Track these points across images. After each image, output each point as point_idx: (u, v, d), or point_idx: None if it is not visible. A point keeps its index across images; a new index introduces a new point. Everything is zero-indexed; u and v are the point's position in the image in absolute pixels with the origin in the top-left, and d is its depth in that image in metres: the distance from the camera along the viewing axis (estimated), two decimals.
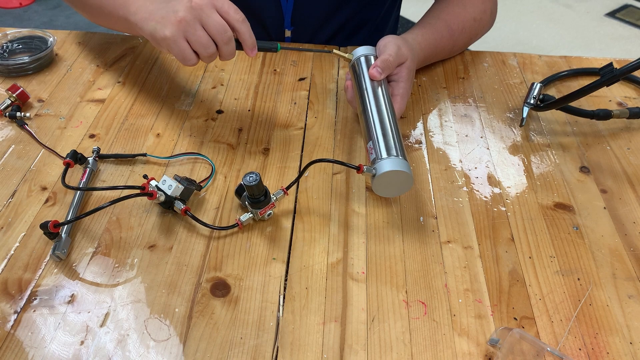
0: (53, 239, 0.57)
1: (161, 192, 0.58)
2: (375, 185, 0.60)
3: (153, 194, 0.57)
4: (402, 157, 0.60)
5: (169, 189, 0.59)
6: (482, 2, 0.84)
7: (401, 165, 0.58)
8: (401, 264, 0.57)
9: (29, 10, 2.85)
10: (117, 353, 0.49)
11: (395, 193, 0.61)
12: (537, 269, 0.57)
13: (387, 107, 0.65)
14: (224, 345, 0.50)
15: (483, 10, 0.83)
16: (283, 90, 0.81)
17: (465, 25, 0.82)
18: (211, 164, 0.68)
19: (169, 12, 0.61)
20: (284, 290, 0.55)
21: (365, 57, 0.70)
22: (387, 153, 0.60)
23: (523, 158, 0.71)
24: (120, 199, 0.57)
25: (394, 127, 0.63)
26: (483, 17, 0.83)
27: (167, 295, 0.54)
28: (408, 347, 0.50)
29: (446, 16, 0.81)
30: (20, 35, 0.86)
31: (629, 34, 2.66)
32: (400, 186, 0.60)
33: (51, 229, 0.55)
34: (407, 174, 0.58)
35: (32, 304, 0.53)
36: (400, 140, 0.62)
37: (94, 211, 0.56)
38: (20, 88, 0.75)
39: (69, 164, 0.64)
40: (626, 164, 0.70)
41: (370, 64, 0.69)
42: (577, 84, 0.84)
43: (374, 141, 0.61)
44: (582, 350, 0.50)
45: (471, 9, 0.82)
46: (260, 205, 0.58)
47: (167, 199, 0.59)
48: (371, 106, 0.65)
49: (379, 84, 0.67)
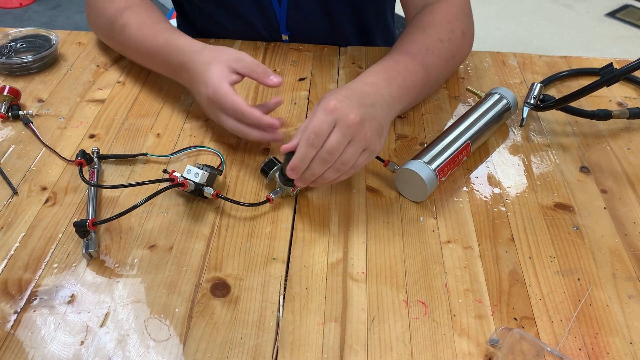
0: (84, 238, 0.57)
1: (190, 181, 0.60)
2: (397, 179, 0.65)
3: (184, 183, 0.59)
4: (432, 167, 0.62)
5: (196, 177, 0.60)
6: (448, 22, 0.76)
7: (421, 170, 0.61)
8: (401, 264, 0.57)
9: (29, 10, 2.85)
10: (117, 353, 0.49)
11: (411, 195, 0.64)
12: (537, 269, 0.57)
13: (465, 135, 0.67)
14: (224, 345, 0.50)
15: (450, 30, 0.75)
16: (283, 90, 0.81)
17: (430, 46, 0.72)
18: (215, 151, 0.69)
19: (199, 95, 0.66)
20: (284, 290, 0.55)
21: (498, 96, 0.73)
22: (419, 158, 0.63)
23: (523, 158, 0.71)
24: (154, 195, 0.58)
25: (449, 148, 0.65)
26: (452, 37, 0.75)
27: (167, 295, 0.54)
28: (408, 347, 0.50)
29: (400, 47, 0.72)
30: (24, 34, 0.86)
31: (629, 34, 2.66)
32: (416, 191, 0.63)
33: (90, 227, 0.55)
34: (422, 180, 0.61)
35: (32, 304, 0.53)
36: (446, 158, 0.64)
37: (132, 209, 0.57)
38: (7, 86, 0.75)
39: (81, 163, 0.64)
40: (626, 164, 0.70)
41: (500, 105, 0.72)
42: (577, 84, 0.84)
43: (427, 147, 0.66)
44: (582, 350, 0.50)
45: (433, 32, 0.74)
46: (293, 182, 0.60)
47: (197, 187, 0.60)
48: (459, 127, 0.68)
49: (484, 119, 0.70)
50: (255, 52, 0.89)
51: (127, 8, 0.77)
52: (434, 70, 0.73)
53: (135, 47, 0.76)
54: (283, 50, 0.90)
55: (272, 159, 0.64)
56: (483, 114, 0.70)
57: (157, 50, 0.72)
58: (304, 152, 0.56)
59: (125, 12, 0.76)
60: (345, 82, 0.82)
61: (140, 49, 0.75)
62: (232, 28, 0.91)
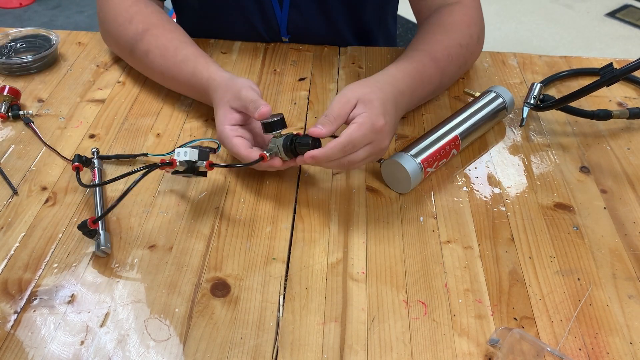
0: (93, 237, 0.57)
1: (180, 161, 0.59)
2: (383, 171, 0.66)
3: (173, 162, 0.58)
4: (417, 160, 0.63)
5: (186, 155, 0.59)
6: (467, 26, 0.78)
7: (405, 161, 0.62)
8: (401, 264, 0.57)
9: (29, 10, 2.85)
10: (117, 353, 0.49)
11: (398, 187, 0.65)
12: (537, 269, 0.57)
13: (455, 129, 0.68)
14: (224, 345, 0.50)
15: (469, 35, 0.77)
16: (283, 90, 0.81)
17: (451, 52, 0.74)
18: (213, 140, 0.70)
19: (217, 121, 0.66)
20: (284, 290, 0.55)
21: (495, 94, 0.73)
22: (406, 151, 0.64)
23: (523, 158, 0.71)
24: (143, 175, 0.57)
25: (436, 142, 0.66)
26: (470, 42, 0.77)
27: (167, 295, 0.54)
28: (408, 347, 0.50)
29: (426, 46, 0.74)
30: (24, 34, 0.86)
31: (629, 34, 2.66)
32: (402, 182, 0.64)
33: (90, 225, 0.55)
34: (406, 171, 0.62)
35: (32, 304, 0.53)
36: (432, 150, 0.65)
37: (123, 197, 0.56)
38: (7, 86, 0.75)
39: (78, 167, 0.64)
40: (626, 164, 0.70)
41: (495, 103, 0.72)
42: (577, 84, 0.84)
43: (415, 141, 0.67)
44: (582, 350, 0.50)
45: (455, 35, 0.76)
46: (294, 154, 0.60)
47: (189, 165, 0.59)
48: (449, 121, 0.69)
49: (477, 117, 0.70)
50: (255, 53, 0.89)
51: (146, 31, 0.75)
52: (446, 79, 0.77)
53: (161, 73, 0.76)
54: (283, 50, 0.90)
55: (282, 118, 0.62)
56: (476, 110, 0.71)
57: (184, 82, 0.73)
58: (333, 154, 0.58)
59: (145, 37, 0.75)
60: (345, 82, 0.82)
61: (166, 76, 0.75)
62: (232, 30, 0.91)
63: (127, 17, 0.77)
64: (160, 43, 0.74)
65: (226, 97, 0.65)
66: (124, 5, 0.78)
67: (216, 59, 0.86)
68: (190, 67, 0.71)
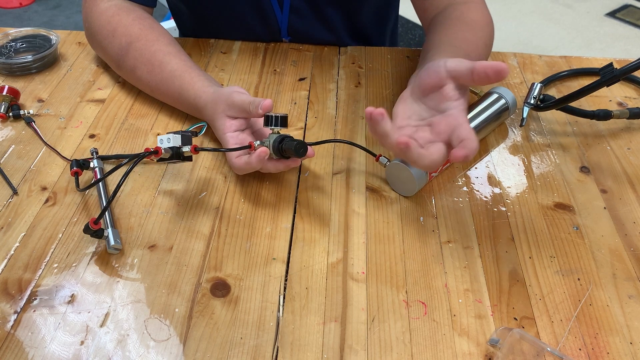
0: (101, 237, 0.57)
1: (165, 148, 0.59)
2: (388, 173, 0.66)
3: (158, 150, 0.58)
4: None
5: (169, 142, 0.60)
6: (487, 24, 0.76)
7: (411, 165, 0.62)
8: (401, 264, 0.57)
9: (29, 10, 2.85)
10: (117, 353, 0.49)
11: (402, 190, 0.65)
12: (537, 269, 0.57)
13: None
14: (224, 345, 0.50)
15: (489, 35, 0.76)
16: (283, 90, 0.81)
17: (480, 52, 0.72)
18: (201, 124, 0.69)
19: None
20: (284, 290, 0.55)
21: (497, 95, 0.72)
22: None
23: (523, 158, 0.71)
24: (132, 168, 0.58)
25: None
26: (488, 43, 0.76)
27: (167, 295, 0.54)
28: (408, 347, 0.50)
29: (460, 43, 0.71)
30: (24, 34, 0.86)
31: (629, 34, 2.66)
32: (406, 185, 0.64)
33: (92, 226, 0.55)
34: (411, 174, 0.62)
35: (32, 304, 0.53)
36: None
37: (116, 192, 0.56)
38: (6, 86, 0.75)
39: (77, 172, 0.64)
40: (626, 164, 0.70)
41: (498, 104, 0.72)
42: (577, 84, 0.84)
43: None
44: (582, 350, 0.50)
45: (481, 34, 0.74)
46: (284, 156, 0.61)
47: (174, 151, 0.59)
48: None
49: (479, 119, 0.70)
50: (255, 53, 0.89)
51: (129, 45, 0.74)
52: None
53: (150, 90, 0.76)
54: (283, 50, 0.90)
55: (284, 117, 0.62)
56: (479, 113, 0.71)
57: (174, 98, 0.73)
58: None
59: (130, 52, 0.74)
60: (345, 82, 0.82)
61: (156, 92, 0.75)
62: (231, 32, 0.91)
63: (110, 30, 0.76)
64: (144, 59, 0.74)
65: (219, 109, 0.65)
66: (105, 17, 0.77)
67: (216, 59, 0.87)
68: (176, 85, 0.71)
